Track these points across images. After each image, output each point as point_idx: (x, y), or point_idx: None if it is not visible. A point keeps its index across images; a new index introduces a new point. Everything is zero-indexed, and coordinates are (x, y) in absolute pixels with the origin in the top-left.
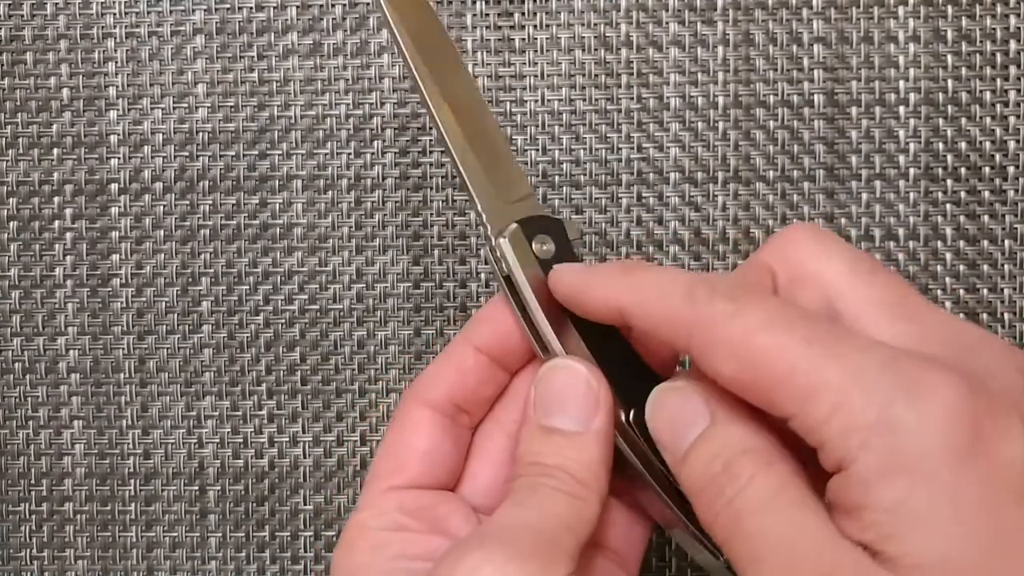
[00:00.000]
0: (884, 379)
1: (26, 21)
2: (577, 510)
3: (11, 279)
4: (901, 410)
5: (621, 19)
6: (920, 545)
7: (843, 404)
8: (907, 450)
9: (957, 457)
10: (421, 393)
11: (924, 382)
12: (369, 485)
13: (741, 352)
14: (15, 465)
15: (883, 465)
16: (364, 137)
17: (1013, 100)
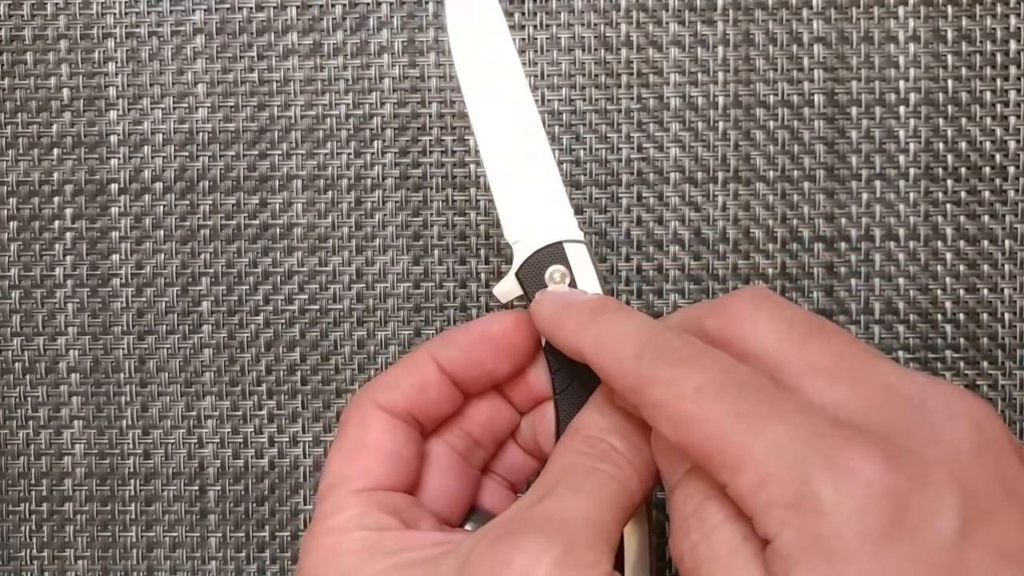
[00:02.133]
0: (807, 454)
1: (26, 21)
2: (628, 501)
3: (11, 279)
4: (820, 487)
5: (621, 19)
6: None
7: (767, 479)
8: (826, 531)
9: (877, 538)
10: (379, 397)
11: (845, 457)
12: (336, 488)
13: (676, 419)
14: (15, 465)
15: (802, 545)
16: (364, 137)
17: (1013, 100)
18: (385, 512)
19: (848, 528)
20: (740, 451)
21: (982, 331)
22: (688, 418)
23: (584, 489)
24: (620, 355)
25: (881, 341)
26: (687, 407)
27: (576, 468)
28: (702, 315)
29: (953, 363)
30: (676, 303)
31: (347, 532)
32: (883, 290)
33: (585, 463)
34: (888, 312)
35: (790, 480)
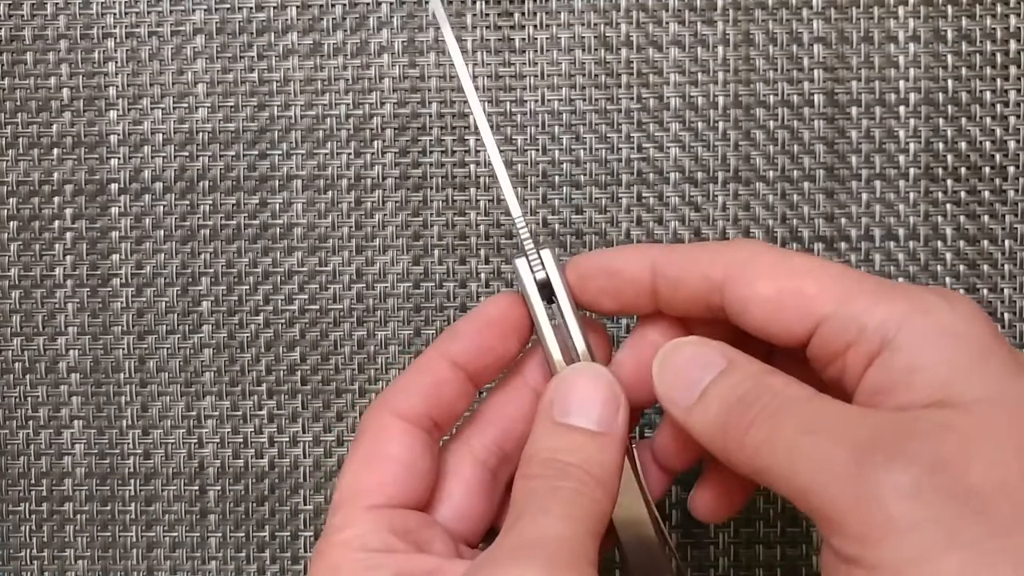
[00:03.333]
0: (914, 289)
1: (26, 21)
2: (598, 514)
3: (11, 279)
4: (937, 302)
5: (621, 19)
6: (978, 385)
7: (883, 299)
8: (948, 323)
9: (991, 336)
10: (395, 405)
11: (951, 293)
12: (348, 502)
13: (783, 270)
14: (15, 465)
15: (930, 330)
16: (364, 137)
17: (1013, 100)
18: (394, 533)
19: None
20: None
21: None
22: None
23: (552, 510)
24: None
25: None
26: (796, 260)
27: (538, 491)
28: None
29: None
30: None
31: (351, 551)
32: None
33: (546, 484)
34: None
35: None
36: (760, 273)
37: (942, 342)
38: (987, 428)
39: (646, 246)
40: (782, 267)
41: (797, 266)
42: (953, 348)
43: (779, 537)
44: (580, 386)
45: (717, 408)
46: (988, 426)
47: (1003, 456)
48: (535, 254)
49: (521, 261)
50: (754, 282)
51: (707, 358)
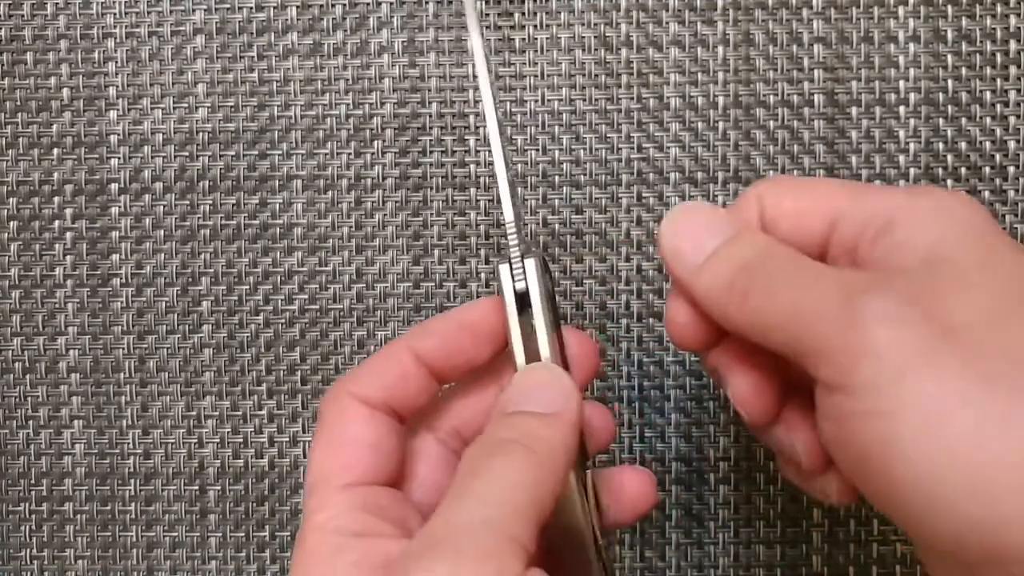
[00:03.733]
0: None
1: (26, 21)
2: (530, 492)
3: (11, 279)
4: (938, 193)
5: (621, 19)
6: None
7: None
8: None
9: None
10: (355, 390)
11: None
12: (319, 485)
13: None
14: (15, 465)
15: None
16: (364, 137)
17: (1013, 100)
18: (368, 511)
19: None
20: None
21: None
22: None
23: (470, 492)
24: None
25: None
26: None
27: (464, 473)
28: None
29: None
30: None
31: (326, 533)
32: None
33: (475, 463)
34: None
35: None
36: (782, 193)
37: (938, 216)
38: (969, 276)
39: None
40: (799, 186)
41: (811, 184)
42: (949, 221)
43: (779, 537)
44: (531, 379)
45: (723, 270)
46: (970, 274)
47: (982, 298)
48: (519, 262)
49: (504, 267)
50: (780, 200)
51: (718, 224)
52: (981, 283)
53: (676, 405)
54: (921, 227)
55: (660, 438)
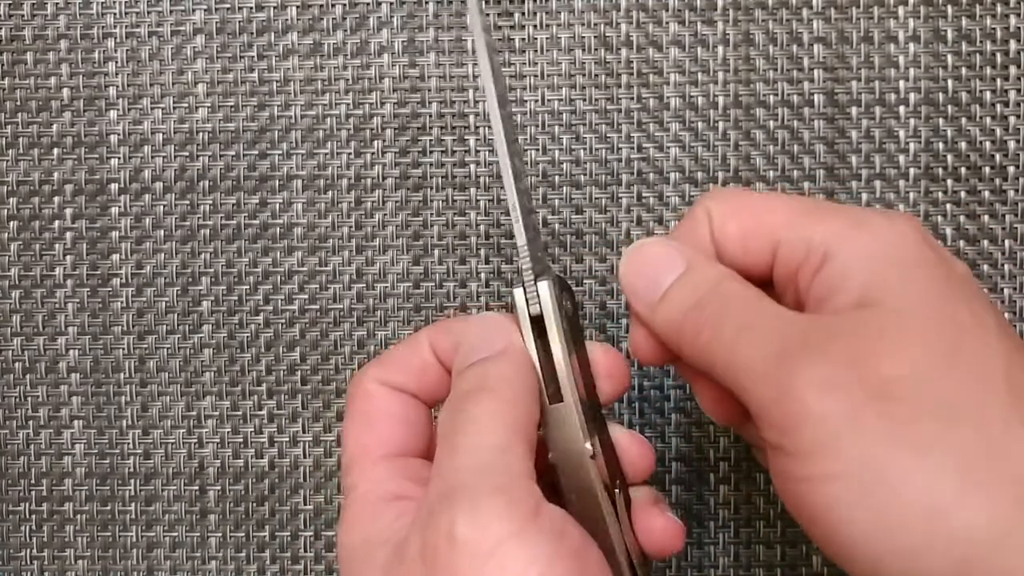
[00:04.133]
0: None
1: (26, 21)
2: (508, 427)
3: (11, 279)
4: (878, 220)
5: (621, 19)
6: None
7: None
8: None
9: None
10: (379, 374)
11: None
12: (357, 460)
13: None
14: (15, 465)
15: (865, 245)
16: (364, 137)
17: (1013, 100)
18: (407, 479)
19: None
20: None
21: None
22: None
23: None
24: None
25: None
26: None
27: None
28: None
29: None
30: None
31: (371, 502)
32: None
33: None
34: None
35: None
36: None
37: (872, 251)
38: (901, 326)
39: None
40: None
41: (758, 203)
42: (882, 257)
43: (779, 537)
44: (472, 331)
45: (676, 309)
46: (902, 324)
47: (913, 352)
48: (532, 287)
49: (519, 292)
50: (725, 224)
51: (669, 260)
52: (914, 332)
53: (676, 405)
54: (856, 264)
55: (660, 438)
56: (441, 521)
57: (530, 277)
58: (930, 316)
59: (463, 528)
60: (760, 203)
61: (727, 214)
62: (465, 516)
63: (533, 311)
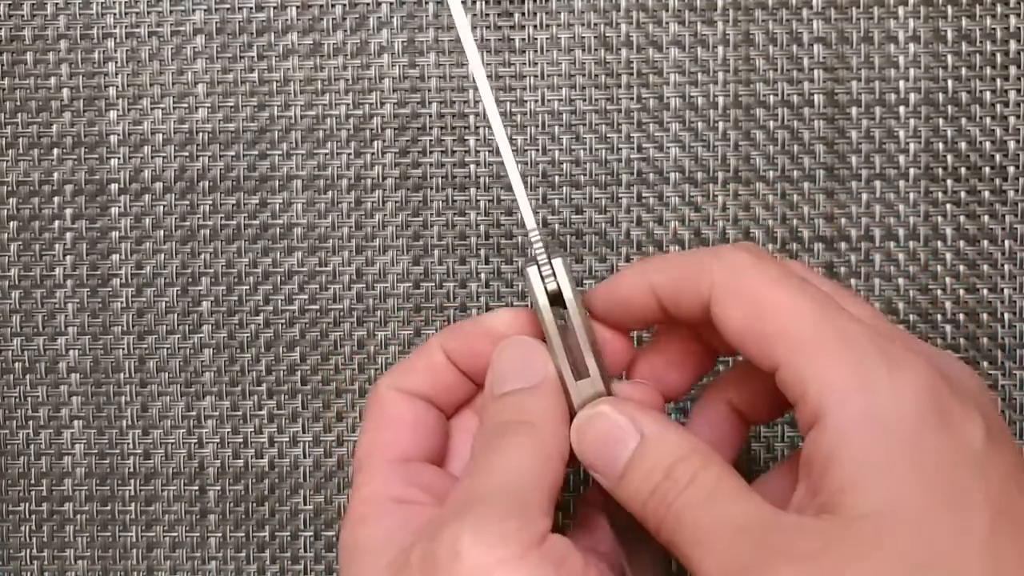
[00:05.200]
0: (870, 348)
1: (26, 21)
2: (538, 458)
3: (11, 279)
4: (881, 375)
5: (621, 19)
6: (876, 496)
7: (831, 361)
8: (880, 409)
9: (924, 423)
10: (395, 382)
11: (904, 359)
12: (365, 463)
13: (750, 298)
14: (15, 465)
15: (856, 418)
16: (364, 137)
17: (1013, 100)
18: (410, 483)
19: (902, 411)
20: (808, 333)
21: (982, 331)
22: (768, 300)
23: (490, 467)
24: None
25: None
26: (770, 291)
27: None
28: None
29: None
30: None
31: (371, 503)
32: (883, 290)
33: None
34: (888, 312)
35: (854, 365)
36: (733, 300)
37: (865, 434)
38: (867, 548)
39: (644, 266)
40: (754, 297)
41: (768, 298)
42: (870, 443)
43: None
44: (507, 358)
45: (635, 497)
46: (869, 546)
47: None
48: (547, 263)
49: (532, 270)
50: (727, 310)
51: (620, 433)
52: (881, 558)
53: (676, 405)
54: (843, 446)
55: None
56: (448, 533)
57: (543, 254)
58: (900, 533)
59: (468, 543)
60: (769, 299)
61: (734, 299)
62: (473, 532)
63: (551, 287)
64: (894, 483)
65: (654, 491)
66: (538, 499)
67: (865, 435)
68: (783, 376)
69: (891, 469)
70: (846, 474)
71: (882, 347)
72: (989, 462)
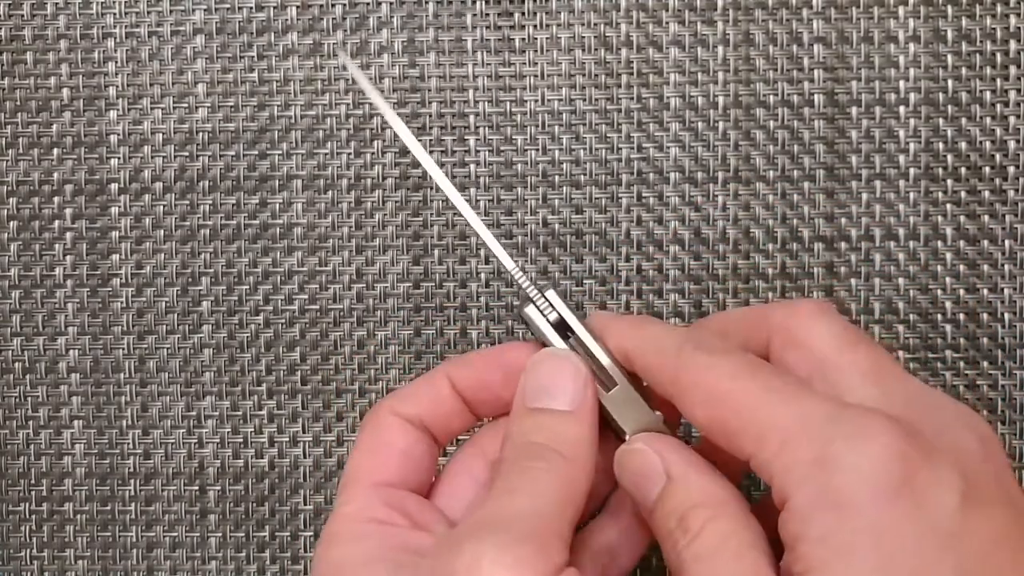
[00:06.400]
0: (828, 424)
1: (26, 21)
2: (567, 490)
3: (11, 279)
4: (839, 450)
5: (621, 19)
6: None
7: (789, 443)
8: (839, 486)
9: (886, 495)
10: (394, 407)
11: (864, 427)
12: (350, 483)
13: (711, 397)
14: (15, 465)
15: (816, 499)
16: (364, 137)
17: (1013, 100)
18: (390, 507)
19: (861, 484)
20: (767, 421)
21: (982, 331)
22: (723, 394)
23: (518, 488)
24: (661, 350)
25: (881, 341)
26: (723, 384)
27: (508, 471)
28: (768, 309)
29: (953, 363)
30: (676, 303)
31: (351, 521)
32: (883, 290)
33: (517, 466)
34: (888, 312)
35: (811, 444)
36: (696, 393)
37: (825, 515)
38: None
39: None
40: (712, 393)
41: (723, 393)
42: (834, 524)
43: None
44: (546, 370)
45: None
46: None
47: None
48: (541, 298)
49: (530, 308)
50: (690, 405)
51: (652, 471)
52: None
53: None
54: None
55: None
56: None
57: (534, 289)
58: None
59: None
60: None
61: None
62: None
63: (553, 319)
64: (855, 566)
65: (669, 535)
66: (558, 529)
67: (825, 516)
68: (753, 466)
69: (852, 551)
70: (811, 556)
71: (843, 421)
72: (966, 529)
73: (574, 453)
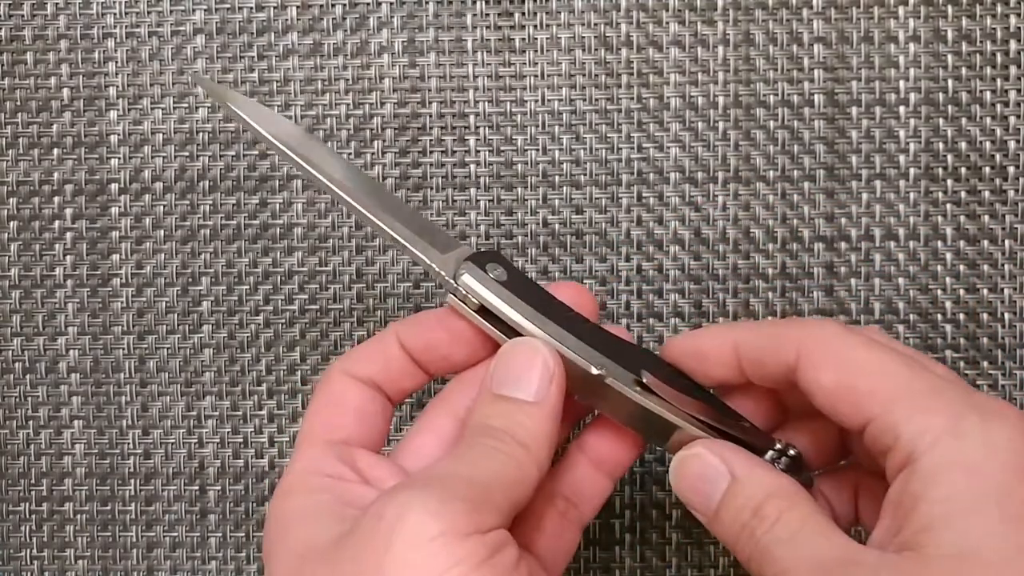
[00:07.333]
0: (962, 399)
1: (26, 21)
2: (512, 471)
3: (11, 279)
4: (973, 423)
5: (621, 19)
6: (960, 535)
7: (923, 410)
8: (971, 454)
9: (1013, 469)
10: (345, 367)
11: (995, 410)
12: (304, 441)
13: (843, 361)
14: (15, 465)
15: (947, 462)
16: (364, 137)
17: (1013, 100)
18: (344, 463)
19: (992, 456)
20: (905, 385)
21: (982, 331)
22: (859, 360)
23: (462, 457)
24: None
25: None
26: (860, 352)
27: (461, 445)
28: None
29: (953, 363)
30: (676, 303)
31: (302, 475)
32: (883, 290)
33: (467, 441)
34: (888, 312)
35: (946, 412)
36: (824, 364)
37: (954, 476)
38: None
39: (729, 327)
40: (845, 359)
41: (859, 360)
42: (962, 485)
43: None
44: (516, 360)
45: (729, 531)
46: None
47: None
48: (454, 286)
49: (451, 298)
50: (818, 372)
51: (713, 472)
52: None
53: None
54: (935, 487)
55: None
56: (402, 496)
57: (448, 279)
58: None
59: (416, 510)
60: (861, 359)
61: (824, 361)
62: (422, 502)
63: (474, 305)
64: (978, 525)
65: (744, 527)
66: (498, 501)
67: (954, 478)
68: (874, 429)
69: (977, 512)
70: (932, 513)
71: (973, 398)
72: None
73: (529, 442)
